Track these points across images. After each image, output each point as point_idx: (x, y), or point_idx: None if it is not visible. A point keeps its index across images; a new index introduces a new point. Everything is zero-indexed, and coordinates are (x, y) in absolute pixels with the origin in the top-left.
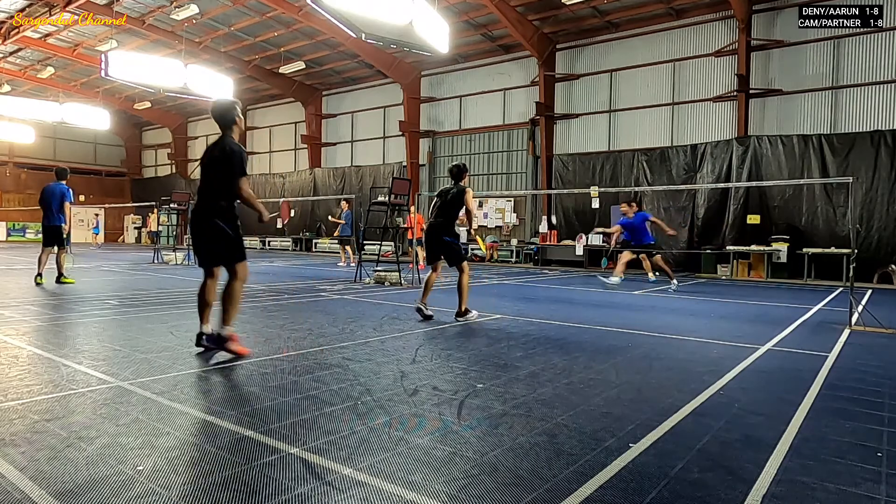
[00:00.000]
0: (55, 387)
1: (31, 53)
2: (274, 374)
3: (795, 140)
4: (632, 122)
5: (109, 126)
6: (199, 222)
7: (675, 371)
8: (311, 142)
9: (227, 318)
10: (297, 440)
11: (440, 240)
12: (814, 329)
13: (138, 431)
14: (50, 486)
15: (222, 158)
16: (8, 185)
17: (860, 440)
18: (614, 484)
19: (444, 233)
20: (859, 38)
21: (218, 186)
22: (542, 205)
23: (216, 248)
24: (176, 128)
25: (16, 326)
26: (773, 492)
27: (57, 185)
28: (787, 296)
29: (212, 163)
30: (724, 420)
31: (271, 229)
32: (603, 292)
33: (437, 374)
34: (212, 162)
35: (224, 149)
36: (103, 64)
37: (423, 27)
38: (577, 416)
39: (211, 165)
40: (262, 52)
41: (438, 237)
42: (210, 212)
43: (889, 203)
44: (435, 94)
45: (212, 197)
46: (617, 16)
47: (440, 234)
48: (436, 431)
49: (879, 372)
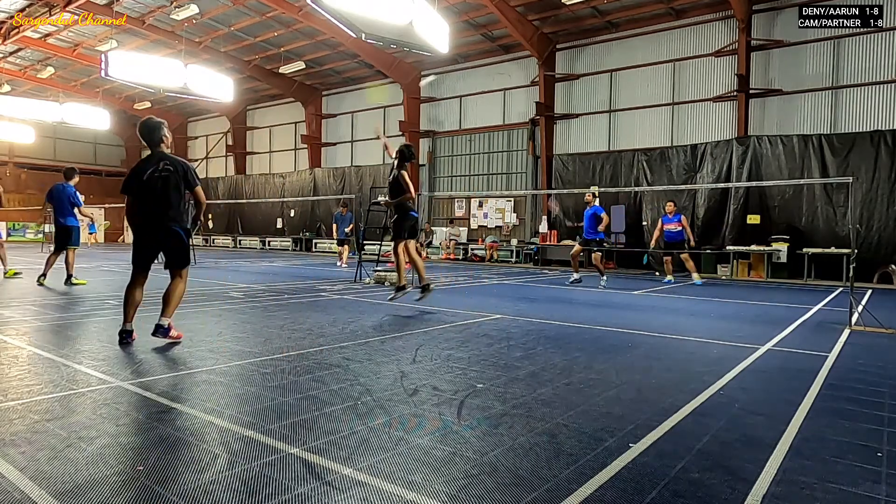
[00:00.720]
0: (55, 387)
1: (31, 53)
2: (274, 374)
3: (795, 140)
4: (632, 122)
5: (109, 126)
6: (156, 226)
7: (675, 371)
8: (311, 142)
9: (169, 311)
10: (297, 440)
11: None
12: (814, 329)
13: (138, 431)
14: (50, 486)
15: (176, 171)
16: (8, 185)
17: (860, 440)
18: (614, 484)
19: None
20: (859, 38)
21: (175, 196)
22: (542, 205)
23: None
24: (176, 128)
25: (16, 326)
26: (773, 492)
27: (65, 187)
28: (786, 296)
29: (167, 175)
30: (724, 420)
31: (271, 229)
32: (603, 292)
33: (437, 374)
34: (167, 174)
35: (176, 162)
36: (103, 64)
37: (423, 27)
38: (577, 416)
39: (166, 178)
40: (262, 52)
41: None
42: (168, 218)
43: (889, 203)
44: (435, 94)
45: (169, 206)
46: (617, 16)
47: None
48: (436, 431)
49: (879, 372)
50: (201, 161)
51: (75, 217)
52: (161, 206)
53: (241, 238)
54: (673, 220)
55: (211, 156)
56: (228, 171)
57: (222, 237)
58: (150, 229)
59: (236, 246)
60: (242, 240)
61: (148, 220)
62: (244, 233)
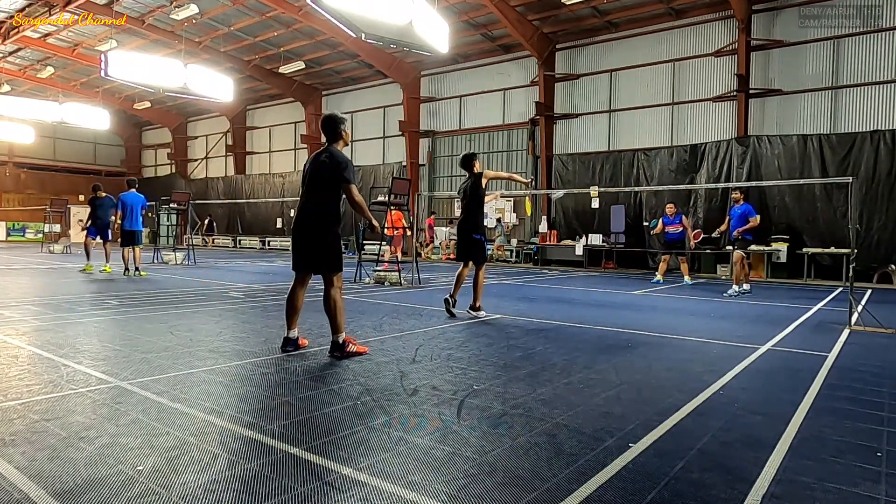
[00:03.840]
0: (55, 387)
1: (31, 53)
2: (274, 374)
3: (795, 140)
4: (632, 122)
5: (109, 126)
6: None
7: (675, 371)
8: (311, 142)
9: (337, 326)
10: (297, 440)
11: (468, 238)
12: (813, 329)
13: (138, 431)
14: (50, 486)
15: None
16: (8, 185)
17: (860, 440)
18: (614, 484)
19: (471, 231)
20: (859, 38)
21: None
22: (542, 205)
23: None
24: (176, 128)
25: (16, 326)
26: (772, 492)
27: (135, 195)
28: (786, 296)
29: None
30: (724, 420)
31: (270, 229)
32: (603, 292)
33: (437, 374)
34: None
35: (331, 155)
36: (103, 64)
37: (423, 27)
38: (577, 416)
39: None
40: (262, 51)
41: (467, 235)
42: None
43: (889, 203)
44: (435, 94)
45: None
46: (617, 16)
47: (469, 233)
48: (436, 431)
49: (879, 372)
50: (201, 161)
51: (140, 222)
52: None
53: (240, 238)
54: (675, 221)
55: (211, 156)
56: (228, 171)
57: (222, 237)
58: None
59: (236, 246)
60: (242, 240)
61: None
62: (244, 233)
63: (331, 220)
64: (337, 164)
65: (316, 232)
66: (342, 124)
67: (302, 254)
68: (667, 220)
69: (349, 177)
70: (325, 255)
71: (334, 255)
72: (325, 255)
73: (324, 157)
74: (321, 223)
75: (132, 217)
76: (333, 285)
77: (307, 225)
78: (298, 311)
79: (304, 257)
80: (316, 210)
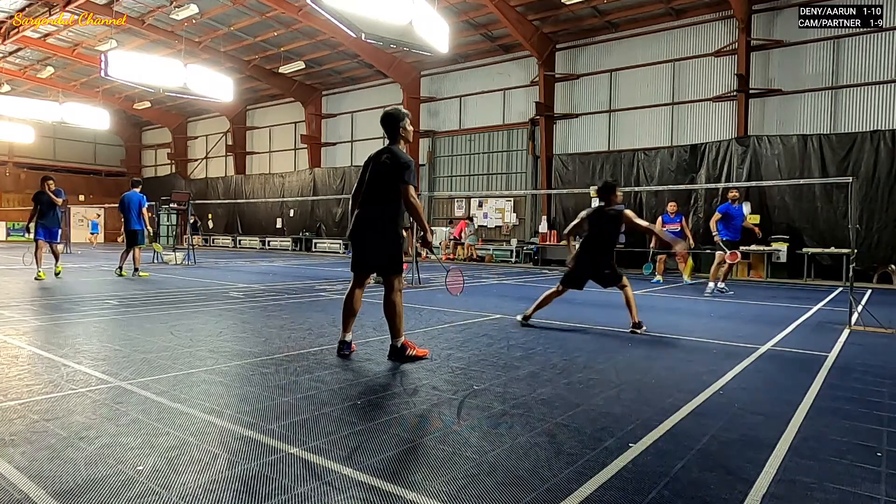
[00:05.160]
0: (55, 387)
1: (31, 53)
2: (274, 374)
3: (795, 140)
4: (632, 122)
5: (109, 126)
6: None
7: (675, 371)
8: (310, 142)
9: (396, 330)
10: (297, 440)
11: (605, 266)
12: (814, 329)
13: (138, 431)
14: (50, 486)
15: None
16: (8, 184)
17: (860, 440)
18: (614, 484)
19: (607, 259)
20: (859, 38)
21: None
22: (541, 205)
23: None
24: (175, 127)
25: (16, 326)
26: (772, 492)
27: (134, 194)
28: (786, 296)
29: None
30: (724, 420)
31: (270, 229)
32: (603, 292)
33: (437, 374)
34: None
35: (392, 154)
36: (103, 64)
37: (423, 27)
38: (576, 416)
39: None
40: (262, 51)
41: (605, 265)
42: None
43: (889, 203)
44: (435, 94)
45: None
46: (617, 16)
47: (605, 263)
48: (436, 431)
49: (879, 372)
50: (201, 161)
51: (141, 222)
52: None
53: (240, 238)
54: (675, 220)
55: (211, 156)
56: (228, 171)
57: (222, 237)
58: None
59: (236, 246)
60: (242, 240)
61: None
62: (244, 233)
63: (393, 220)
64: (398, 165)
65: (378, 231)
66: (402, 121)
67: (362, 253)
68: (666, 219)
69: (409, 178)
70: (387, 255)
71: (396, 255)
72: (387, 254)
73: (385, 158)
74: (383, 222)
75: (130, 217)
76: (394, 288)
77: (369, 224)
78: (355, 314)
79: (364, 257)
80: (377, 210)
